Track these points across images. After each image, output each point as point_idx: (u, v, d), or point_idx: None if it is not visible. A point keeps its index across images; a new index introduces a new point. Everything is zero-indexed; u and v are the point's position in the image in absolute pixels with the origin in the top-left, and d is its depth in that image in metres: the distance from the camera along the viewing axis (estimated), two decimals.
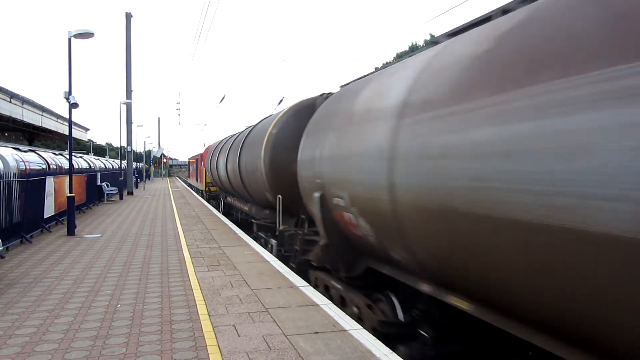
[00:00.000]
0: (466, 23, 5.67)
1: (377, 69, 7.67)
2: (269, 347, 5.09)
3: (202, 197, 32.31)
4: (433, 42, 5.96)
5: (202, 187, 33.16)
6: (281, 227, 10.75)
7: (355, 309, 7.15)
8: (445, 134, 4.39)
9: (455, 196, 4.19)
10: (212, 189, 29.38)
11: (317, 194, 7.69)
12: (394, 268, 6.16)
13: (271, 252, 11.45)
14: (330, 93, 10.16)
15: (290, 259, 10.31)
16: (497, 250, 3.89)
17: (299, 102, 11.71)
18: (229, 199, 22.60)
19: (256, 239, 13.55)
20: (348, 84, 8.81)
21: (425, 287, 5.45)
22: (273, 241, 11.97)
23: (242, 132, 19.01)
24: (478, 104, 4.03)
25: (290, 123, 11.19)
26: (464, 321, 5.32)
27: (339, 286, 7.96)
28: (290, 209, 10.68)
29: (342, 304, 7.60)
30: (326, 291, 8.41)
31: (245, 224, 17.23)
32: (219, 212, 22.25)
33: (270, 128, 11.84)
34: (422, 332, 5.89)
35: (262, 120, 15.90)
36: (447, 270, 4.82)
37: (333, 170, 7.16)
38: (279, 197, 10.90)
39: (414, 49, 53.03)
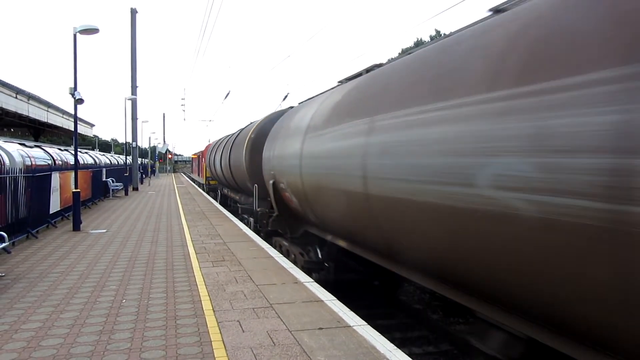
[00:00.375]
0: (351, 75, 8.96)
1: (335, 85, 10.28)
2: (274, 342, 5.09)
3: (203, 189, 35.45)
4: (371, 68, 8.31)
5: (203, 180, 37.18)
6: (258, 209, 14.05)
7: (292, 256, 10.59)
8: (319, 145, 8.06)
9: (322, 178, 7.86)
10: (212, 182, 32.56)
11: (271, 181, 11.25)
12: (317, 228, 9.50)
13: (249, 227, 15.06)
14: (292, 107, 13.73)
15: (262, 230, 13.74)
16: (336, 205, 7.49)
17: (271, 114, 15.55)
18: (225, 191, 26.03)
19: (242, 219, 17.44)
20: (302, 102, 12.78)
21: (328, 237, 8.81)
22: (251, 219, 16.13)
23: (233, 134, 23.09)
24: (328, 131, 7.75)
25: (264, 130, 14.15)
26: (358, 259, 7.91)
27: (286, 243, 11.47)
28: (265, 195, 13.27)
29: (287, 255, 10.94)
30: (280, 248, 11.75)
31: (236, 210, 20.60)
32: (217, 201, 25.43)
33: (249, 133, 15.63)
34: (326, 264, 9.53)
35: (246, 126, 19.88)
36: (329, 223, 8.50)
37: (279, 165, 10.71)
38: (255, 186, 14.28)
39: (419, 44, 52.82)
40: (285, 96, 23.13)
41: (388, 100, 5.96)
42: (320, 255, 9.69)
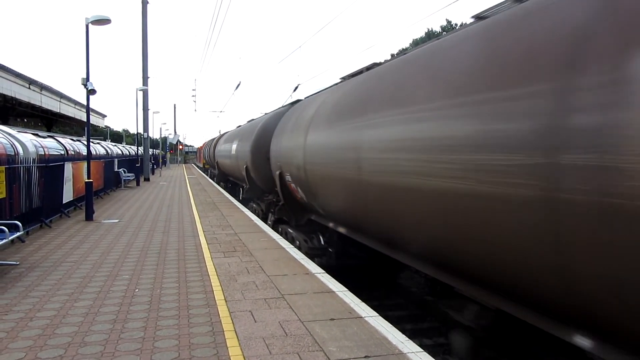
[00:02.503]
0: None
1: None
2: (286, 333, 5.11)
3: (200, 170, 57.32)
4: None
5: (201, 165, 61.83)
6: (214, 170, 34.63)
7: (225, 186, 29.11)
8: (226, 149, 25.20)
9: (228, 161, 24.59)
10: (206, 166, 51.05)
11: (217, 160, 31.73)
12: (223, 175, 30.28)
13: (213, 180, 33.15)
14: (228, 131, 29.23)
15: (216, 178, 34.00)
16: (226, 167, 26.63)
17: (222, 134, 35.71)
18: (211, 169, 43.34)
19: (212, 178, 35.23)
20: (225, 133, 34.34)
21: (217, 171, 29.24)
22: (214, 177, 35.37)
23: (210, 139, 47.14)
24: (223, 147, 26.71)
25: (215, 140, 35.28)
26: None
27: (218, 182, 31.07)
28: (213, 165, 34.19)
29: (227, 189, 26.58)
30: (219, 184, 30.77)
31: (211, 175, 40.18)
32: (207, 175, 43.54)
33: (214, 141, 35.47)
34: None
35: (212, 138, 43.50)
36: (223, 170, 26.93)
37: (218, 154, 31.07)
38: (215, 163, 32.89)
39: (430, 36, 52.31)
40: (296, 87, 23.06)
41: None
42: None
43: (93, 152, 23.91)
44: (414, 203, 5.54)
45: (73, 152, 22.61)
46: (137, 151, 35.38)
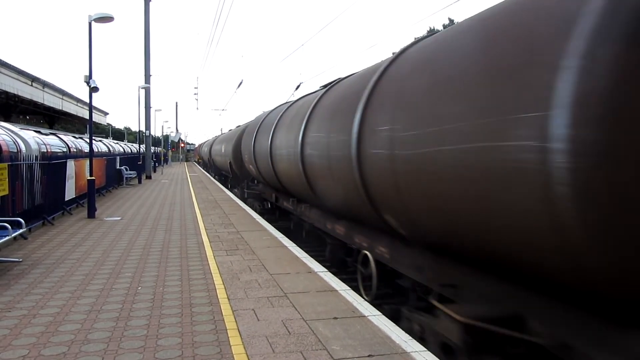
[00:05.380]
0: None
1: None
2: (289, 331, 5.10)
3: (194, 163, 78.11)
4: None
5: (196, 160, 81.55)
6: (198, 160, 70.52)
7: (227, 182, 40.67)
8: (214, 149, 40.20)
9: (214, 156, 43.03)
10: (199, 160, 67.80)
11: (206, 157, 51.07)
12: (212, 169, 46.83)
13: (203, 169, 54.60)
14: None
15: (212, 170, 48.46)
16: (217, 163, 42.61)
17: (209, 139, 64.27)
18: (202, 162, 59.53)
19: (201, 166, 60.49)
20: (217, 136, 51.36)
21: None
22: (208, 171, 49.59)
23: (202, 142, 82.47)
24: (215, 145, 40.07)
25: (203, 145, 67.04)
26: None
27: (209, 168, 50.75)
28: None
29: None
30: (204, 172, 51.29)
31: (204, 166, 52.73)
32: (200, 166, 57.03)
33: (202, 146, 69.56)
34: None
35: (200, 142, 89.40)
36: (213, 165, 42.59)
37: (204, 152, 55.22)
38: (200, 159, 67.48)
39: (432, 33, 52.19)
40: (298, 86, 23.16)
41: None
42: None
43: (95, 150, 23.93)
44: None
45: (75, 150, 22.65)
46: (139, 149, 35.40)
